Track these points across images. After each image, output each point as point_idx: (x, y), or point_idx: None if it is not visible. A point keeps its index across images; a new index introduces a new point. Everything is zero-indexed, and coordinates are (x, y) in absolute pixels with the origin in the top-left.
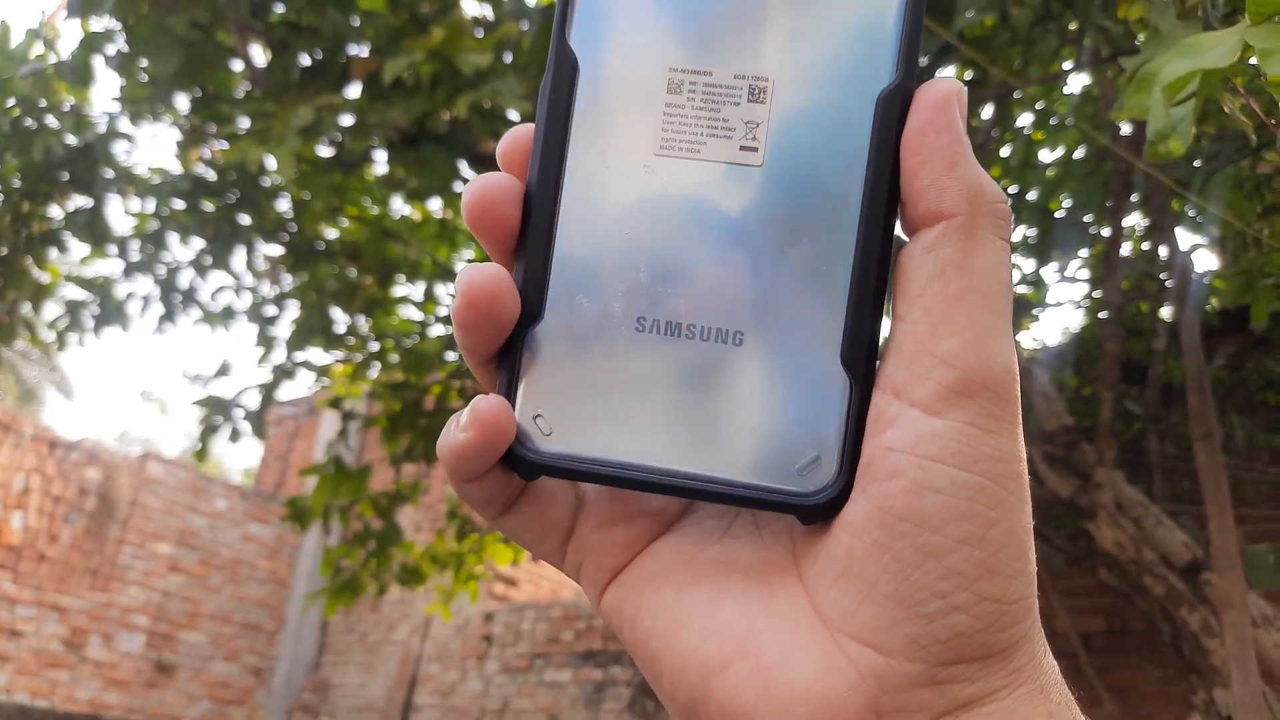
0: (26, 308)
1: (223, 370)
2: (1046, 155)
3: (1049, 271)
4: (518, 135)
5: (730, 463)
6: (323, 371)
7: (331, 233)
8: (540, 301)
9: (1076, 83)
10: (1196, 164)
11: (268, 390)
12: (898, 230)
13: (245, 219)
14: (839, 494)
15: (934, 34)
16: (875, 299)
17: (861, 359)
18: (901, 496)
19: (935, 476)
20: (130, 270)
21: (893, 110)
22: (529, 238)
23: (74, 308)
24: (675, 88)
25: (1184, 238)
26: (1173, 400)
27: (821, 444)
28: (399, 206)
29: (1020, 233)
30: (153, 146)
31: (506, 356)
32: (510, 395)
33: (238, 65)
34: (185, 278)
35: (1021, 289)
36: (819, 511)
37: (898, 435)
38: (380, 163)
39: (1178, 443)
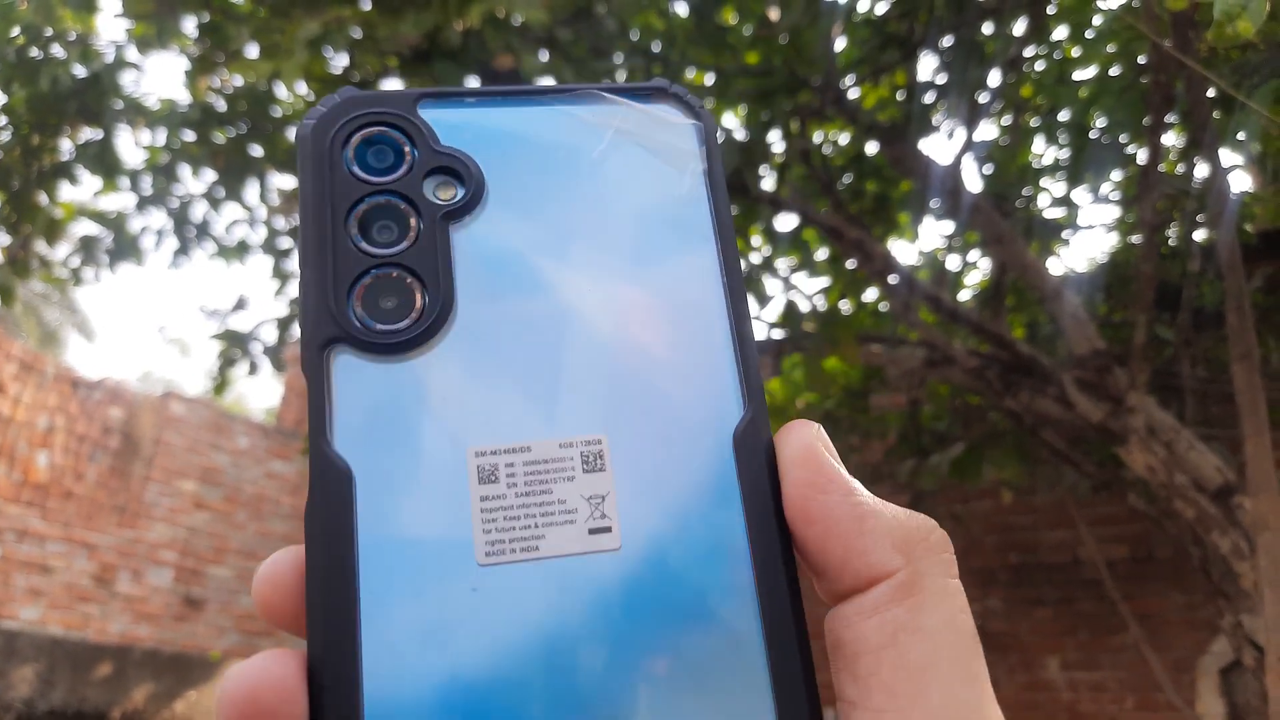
0: (41, 244)
1: (239, 304)
2: (1080, 76)
3: (1080, 193)
4: (278, 575)
5: None
6: None
7: None
8: None
9: None
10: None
11: (285, 323)
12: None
13: (257, 150)
14: None
15: None
16: (807, 685)
17: None
18: None
19: None
20: (143, 204)
21: (754, 453)
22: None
23: (88, 243)
24: (488, 475)
25: (1225, 156)
26: (1205, 325)
27: None
28: None
29: (1052, 154)
30: (161, 77)
31: None
32: None
33: None
34: (198, 210)
35: (1052, 212)
36: None
37: None
38: (392, 85)
39: (1210, 367)
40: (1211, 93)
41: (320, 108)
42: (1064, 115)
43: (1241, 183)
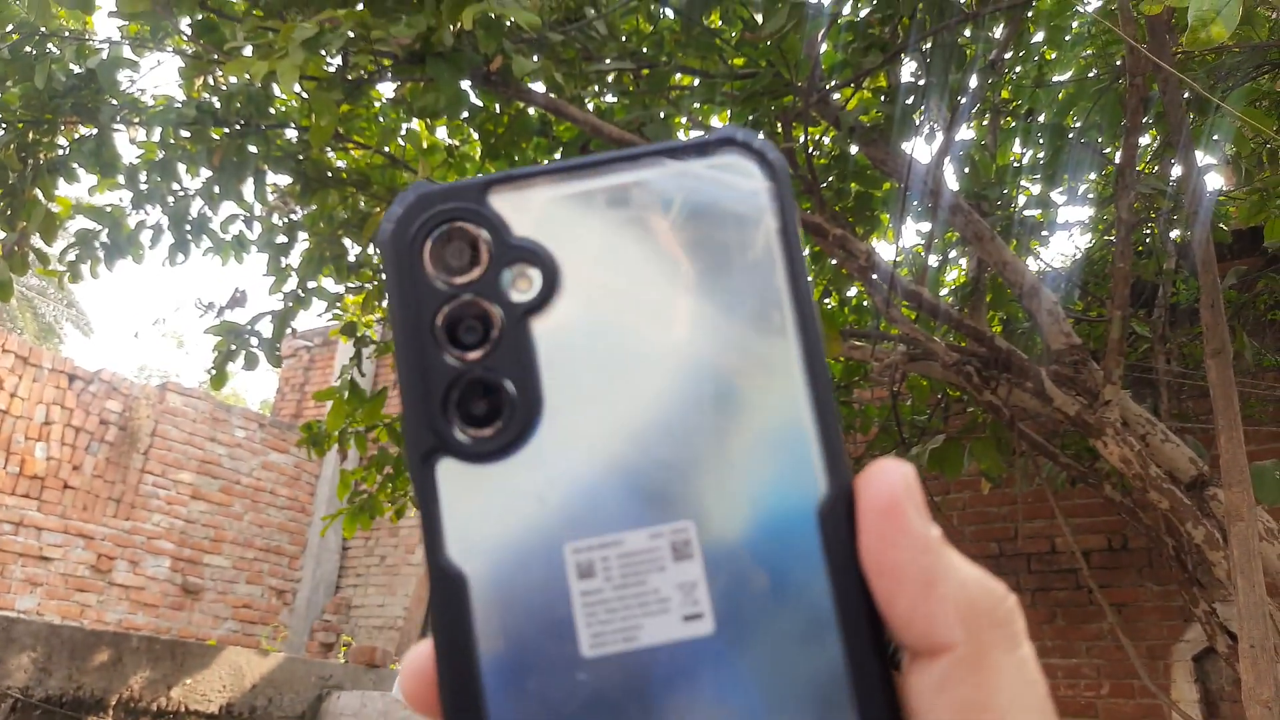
0: (37, 239)
1: (236, 300)
2: (1059, 79)
3: (1056, 193)
4: (418, 670)
5: None
6: (335, 300)
7: (340, 162)
8: None
9: None
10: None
11: (282, 318)
12: None
13: (252, 148)
14: None
15: None
16: None
17: None
18: None
19: None
20: (139, 200)
21: (838, 525)
22: None
23: (85, 238)
24: (586, 570)
25: (1200, 157)
26: (1180, 321)
27: None
28: (406, 135)
29: (1030, 155)
30: (156, 75)
31: None
32: None
33: None
34: (195, 207)
35: (1030, 211)
36: None
37: None
38: (386, 88)
39: (1184, 362)
40: (1187, 94)
41: (395, 208)
42: (1042, 117)
43: (1216, 183)
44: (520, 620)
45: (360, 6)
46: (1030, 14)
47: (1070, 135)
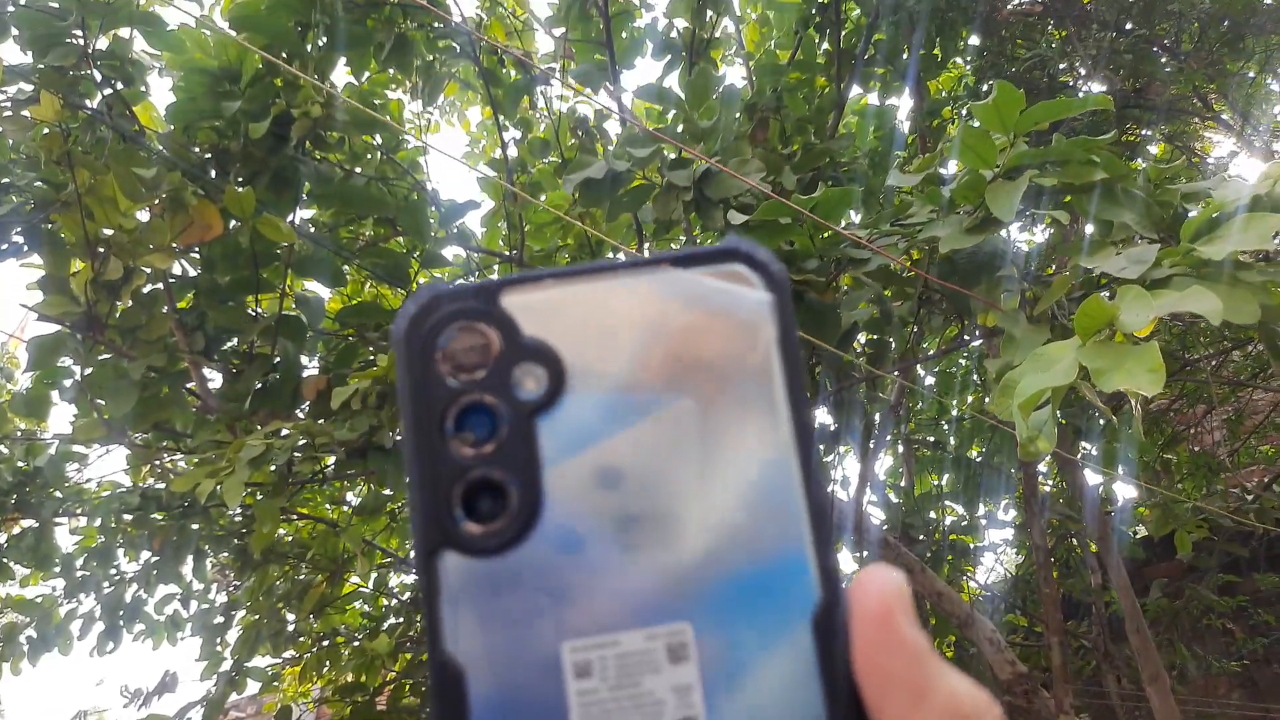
0: None
1: (166, 685)
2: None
3: (978, 516)
4: None
5: None
6: (271, 679)
7: (281, 530)
8: None
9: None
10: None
11: (213, 705)
12: None
13: (195, 525)
14: None
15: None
16: None
17: None
18: None
19: None
20: (73, 590)
21: (832, 631)
22: None
23: (10, 633)
24: (583, 670)
25: (1094, 477)
26: (1120, 634)
27: None
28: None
29: (946, 477)
30: (103, 463)
31: None
32: None
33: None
34: (129, 592)
35: (956, 534)
36: None
37: None
38: (330, 471)
39: (1133, 678)
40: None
41: (409, 305)
42: (953, 443)
43: (1129, 491)
44: (513, 708)
45: (304, 413)
46: (919, 363)
47: (979, 461)
